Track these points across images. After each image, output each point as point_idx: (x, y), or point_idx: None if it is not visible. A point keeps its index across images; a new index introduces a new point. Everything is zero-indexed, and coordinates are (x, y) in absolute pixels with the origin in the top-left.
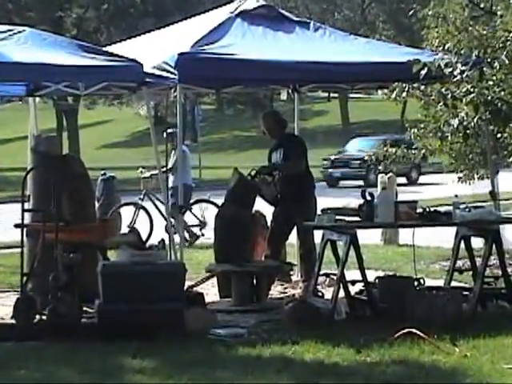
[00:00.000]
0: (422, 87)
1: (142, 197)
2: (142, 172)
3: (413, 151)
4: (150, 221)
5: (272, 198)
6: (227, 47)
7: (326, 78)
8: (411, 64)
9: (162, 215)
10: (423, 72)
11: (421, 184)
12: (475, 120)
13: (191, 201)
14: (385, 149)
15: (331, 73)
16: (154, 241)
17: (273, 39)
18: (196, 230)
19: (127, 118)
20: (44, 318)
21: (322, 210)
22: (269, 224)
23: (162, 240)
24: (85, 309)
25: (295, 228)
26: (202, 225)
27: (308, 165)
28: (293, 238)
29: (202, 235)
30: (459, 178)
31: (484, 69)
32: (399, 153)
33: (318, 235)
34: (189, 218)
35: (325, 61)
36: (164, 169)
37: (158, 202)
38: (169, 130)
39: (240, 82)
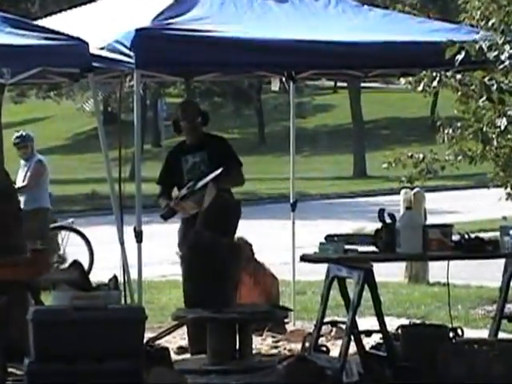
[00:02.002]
0: (459, 76)
1: None
2: None
3: None
4: None
5: None
6: (200, 21)
7: (332, 63)
8: (444, 47)
9: None
10: (460, 57)
11: None
12: None
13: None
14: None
15: (338, 55)
16: None
17: (261, 12)
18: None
19: (67, 114)
20: None
21: (327, 237)
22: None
23: (115, 277)
24: (10, 370)
25: None
26: (61, 260)
27: None
28: (288, 274)
29: None
30: (508, 194)
31: None
32: None
33: (321, 270)
34: None
35: (330, 40)
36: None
37: None
38: (19, 133)
39: (217, 68)
